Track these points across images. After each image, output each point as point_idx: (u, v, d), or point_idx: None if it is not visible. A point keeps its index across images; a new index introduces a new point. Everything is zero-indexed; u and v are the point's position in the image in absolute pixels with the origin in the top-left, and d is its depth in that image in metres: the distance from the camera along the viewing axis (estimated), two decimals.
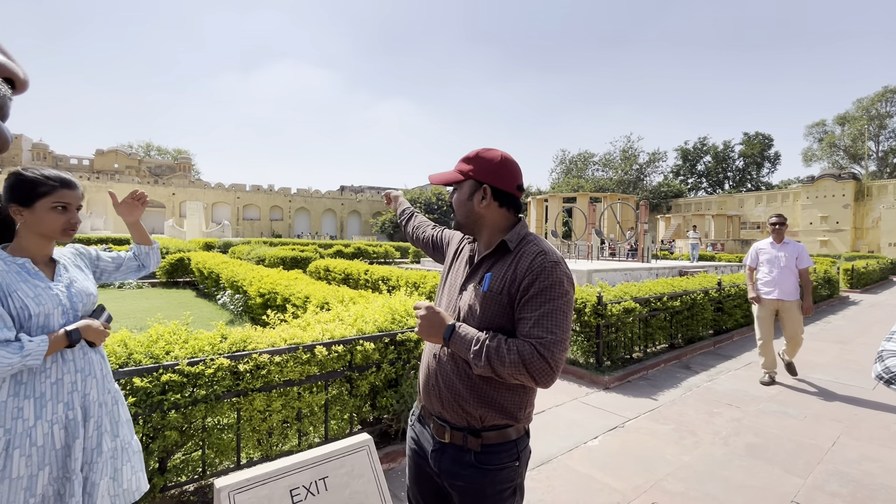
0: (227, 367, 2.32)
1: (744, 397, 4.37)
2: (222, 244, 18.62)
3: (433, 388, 1.33)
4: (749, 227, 41.70)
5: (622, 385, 4.67)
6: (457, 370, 1.27)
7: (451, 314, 1.32)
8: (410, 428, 1.49)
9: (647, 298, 5.49)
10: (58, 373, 1.38)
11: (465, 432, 1.27)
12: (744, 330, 7.17)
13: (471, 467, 1.26)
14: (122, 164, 52.51)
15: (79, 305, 1.48)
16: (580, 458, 3.12)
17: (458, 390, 1.27)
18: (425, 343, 1.41)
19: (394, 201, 2.02)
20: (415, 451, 1.44)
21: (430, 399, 1.35)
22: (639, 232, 16.99)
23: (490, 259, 1.31)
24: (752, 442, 3.40)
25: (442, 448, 1.32)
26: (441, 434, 1.31)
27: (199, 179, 54.63)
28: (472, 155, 1.32)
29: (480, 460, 1.25)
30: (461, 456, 1.27)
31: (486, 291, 1.25)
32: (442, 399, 1.30)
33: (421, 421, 1.43)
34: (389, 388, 3.04)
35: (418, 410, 1.46)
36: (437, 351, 1.34)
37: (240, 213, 50.59)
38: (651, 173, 54.32)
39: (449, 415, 1.29)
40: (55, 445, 1.35)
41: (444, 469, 1.31)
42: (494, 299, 1.23)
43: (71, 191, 1.46)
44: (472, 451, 1.26)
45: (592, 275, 9.67)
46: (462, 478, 1.27)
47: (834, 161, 48.89)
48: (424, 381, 1.38)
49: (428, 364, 1.37)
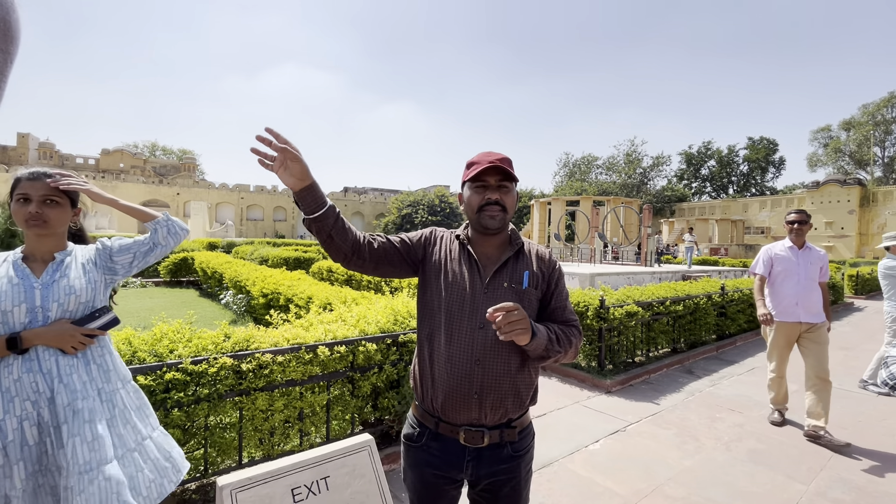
0: (230, 366, 2.33)
1: (746, 402, 4.34)
2: (226, 244, 18.69)
3: (473, 396, 1.28)
4: (753, 232, 41.52)
5: (624, 389, 4.66)
6: (507, 369, 1.30)
7: (479, 322, 1.29)
8: (418, 449, 1.38)
9: (649, 302, 5.48)
10: (18, 370, 1.33)
11: (500, 429, 1.32)
12: (747, 335, 7.14)
13: (509, 459, 1.34)
14: (127, 164, 52.81)
15: (52, 305, 1.39)
16: (581, 461, 3.12)
17: (503, 389, 1.30)
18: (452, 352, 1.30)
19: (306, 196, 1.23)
20: (433, 474, 1.36)
21: (464, 408, 1.29)
22: (642, 236, 16.95)
23: (513, 258, 1.37)
24: (754, 447, 3.38)
25: (478, 454, 1.32)
26: (477, 440, 1.30)
27: (204, 179, 54.88)
28: (510, 160, 1.36)
29: (516, 449, 1.35)
30: (499, 453, 1.33)
31: (527, 288, 1.33)
32: (483, 404, 1.29)
33: (438, 438, 1.34)
34: (391, 390, 3.04)
35: (428, 429, 1.36)
36: (480, 357, 1.28)
37: (243, 214, 50.77)
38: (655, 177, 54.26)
39: (489, 417, 1.30)
40: (27, 441, 1.32)
41: (482, 473, 1.33)
42: (533, 295, 1.35)
43: (31, 182, 1.41)
44: (508, 443, 1.33)
45: (595, 278, 9.66)
46: (502, 472, 1.34)
47: (839, 167, 48.66)
48: (455, 391, 1.29)
49: (466, 372, 1.28)
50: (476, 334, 1.29)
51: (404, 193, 49.29)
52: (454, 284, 1.33)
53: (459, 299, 1.31)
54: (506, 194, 1.32)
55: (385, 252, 1.36)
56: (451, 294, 1.33)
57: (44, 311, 1.38)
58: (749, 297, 7.30)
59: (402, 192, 52.41)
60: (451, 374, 1.29)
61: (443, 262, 1.38)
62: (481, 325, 1.28)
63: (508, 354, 1.30)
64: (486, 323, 1.26)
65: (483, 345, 1.28)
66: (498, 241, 1.39)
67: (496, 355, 1.29)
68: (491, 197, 1.31)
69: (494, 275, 1.33)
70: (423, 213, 45.71)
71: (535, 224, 29.64)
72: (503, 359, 1.29)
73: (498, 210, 1.31)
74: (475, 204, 1.33)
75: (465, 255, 1.37)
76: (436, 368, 1.32)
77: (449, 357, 1.30)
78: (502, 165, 1.29)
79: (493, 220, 1.31)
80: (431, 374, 1.34)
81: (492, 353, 1.28)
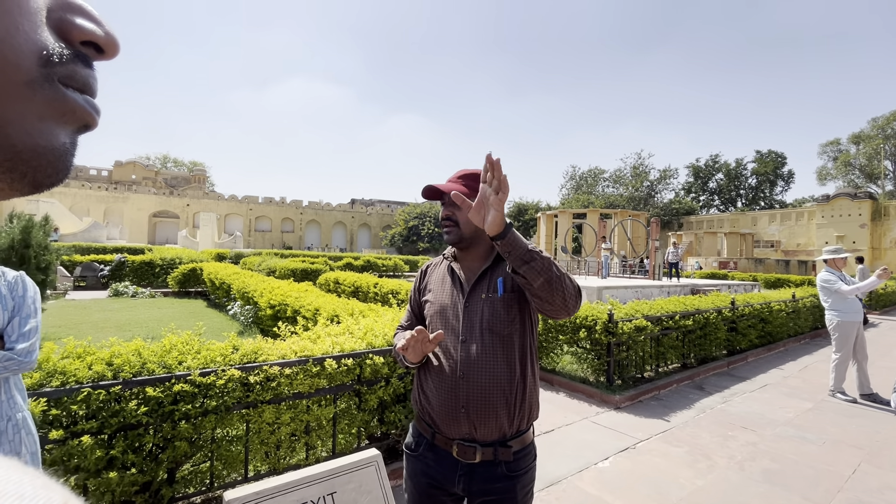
0: (237, 378, 2.33)
1: (759, 420, 4.25)
2: (234, 255, 18.85)
3: (460, 410, 1.30)
4: (763, 246, 41.09)
5: (633, 405, 4.59)
6: (494, 381, 1.29)
7: (460, 335, 1.33)
8: (415, 459, 1.42)
9: (658, 317, 5.42)
10: None
11: (495, 446, 1.30)
12: (759, 351, 7.02)
13: (503, 479, 1.30)
14: (139, 176, 53.70)
15: None
16: (590, 479, 3.06)
17: (491, 402, 1.28)
18: (439, 366, 1.36)
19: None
20: (428, 484, 1.39)
21: (454, 422, 1.31)
22: (650, 248, 16.84)
23: (490, 268, 1.38)
24: (768, 467, 3.30)
25: (470, 470, 1.31)
26: (469, 455, 1.30)
27: (213, 191, 55.59)
28: (470, 174, 1.40)
29: (511, 469, 1.30)
30: (492, 471, 1.30)
31: (503, 295, 1.32)
32: (471, 418, 1.29)
33: (434, 449, 1.37)
34: (398, 403, 3.02)
35: (426, 439, 1.40)
36: (464, 370, 1.31)
37: (252, 225, 51.24)
38: (662, 190, 54.03)
39: (480, 432, 1.29)
40: None
41: (474, 490, 1.31)
42: (512, 299, 1.33)
43: None
44: (503, 462, 1.30)
45: (602, 291, 9.59)
46: (495, 492, 1.30)
47: (849, 180, 48.20)
48: (444, 405, 1.33)
49: (451, 386, 1.32)
50: (459, 348, 1.33)
51: (411, 205, 49.55)
52: (439, 301, 1.42)
53: (444, 315, 1.39)
54: (458, 209, 1.38)
55: (419, 324, 1.49)
56: (437, 310, 1.41)
57: None
58: (760, 311, 7.20)
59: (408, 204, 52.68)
60: (440, 389, 1.34)
61: (432, 284, 1.48)
62: (463, 339, 1.33)
63: (494, 366, 1.30)
64: (468, 336, 1.32)
65: (466, 358, 1.31)
66: (478, 252, 1.43)
67: (480, 368, 1.30)
68: (443, 214, 1.41)
69: (473, 287, 1.37)
70: (429, 224, 45.83)
71: (542, 237, 29.57)
72: (488, 371, 1.29)
73: (450, 225, 1.39)
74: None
75: (451, 273, 1.45)
76: (429, 384, 1.38)
77: (438, 372, 1.36)
78: (436, 187, 1.37)
79: (448, 234, 1.40)
80: (426, 389, 1.39)
81: (476, 367, 1.30)
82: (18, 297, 1.49)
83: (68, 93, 0.28)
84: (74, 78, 0.28)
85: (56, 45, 0.27)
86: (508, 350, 1.32)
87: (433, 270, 1.53)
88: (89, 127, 0.31)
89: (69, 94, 0.28)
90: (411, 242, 47.34)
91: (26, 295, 1.51)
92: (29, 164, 0.27)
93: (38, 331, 1.50)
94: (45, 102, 0.27)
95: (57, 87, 0.27)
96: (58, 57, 0.27)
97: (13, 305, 1.47)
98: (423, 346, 1.26)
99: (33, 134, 0.26)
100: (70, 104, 0.28)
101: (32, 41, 0.26)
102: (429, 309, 1.45)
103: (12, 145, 0.26)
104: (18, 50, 0.25)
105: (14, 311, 1.47)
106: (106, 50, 0.30)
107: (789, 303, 8.14)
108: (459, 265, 1.44)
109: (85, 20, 0.28)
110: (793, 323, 8.15)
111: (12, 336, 1.43)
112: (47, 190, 0.29)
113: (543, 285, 1.17)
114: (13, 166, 0.26)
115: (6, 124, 0.25)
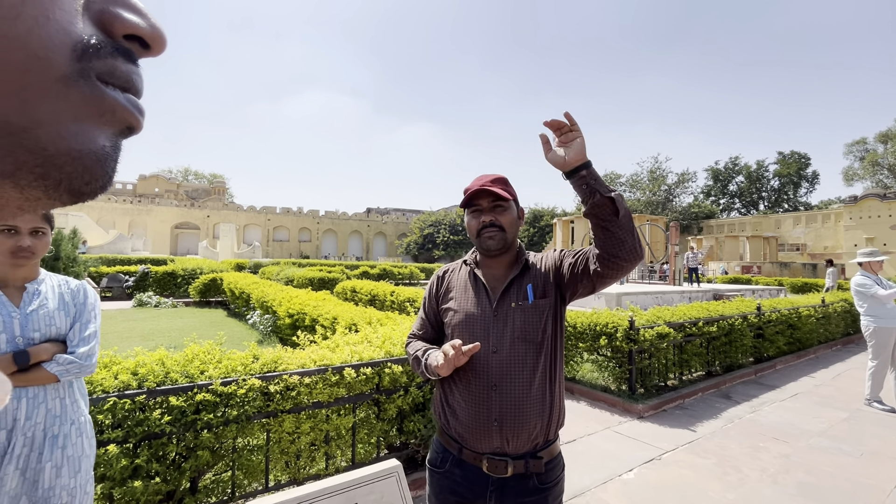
0: (258, 387, 2.35)
1: (792, 431, 4.09)
2: (253, 265, 19.15)
3: (493, 423, 1.26)
4: (788, 249, 39.89)
5: (657, 414, 4.46)
6: (527, 391, 1.26)
7: (491, 345, 1.30)
8: (441, 476, 1.37)
9: (681, 323, 5.28)
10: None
11: (526, 458, 1.27)
12: (788, 358, 6.77)
13: (535, 492, 1.28)
14: (162, 189, 55.35)
15: (34, 335, 1.39)
16: (615, 492, 2.97)
17: (525, 413, 1.25)
18: (468, 378, 1.31)
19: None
20: (457, 502, 1.34)
21: (484, 436, 1.28)
22: (669, 254, 16.52)
23: (518, 276, 1.36)
24: (803, 480, 3.16)
25: (502, 485, 1.28)
26: (500, 470, 1.26)
27: (233, 202, 56.84)
28: (505, 179, 1.37)
29: (542, 481, 1.28)
30: (524, 484, 1.27)
31: (533, 301, 1.30)
32: (504, 430, 1.26)
33: (461, 465, 1.32)
34: (417, 413, 3.00)
35: (452, 454, 1.35)
36: (496, 381, 1.27)
37: (270, 235, 52.13)
38: (680, 194, 53.09)
39: (512, 445, 1.27)
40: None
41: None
42: (544, 305, 1.31)
43: None
44: (534, 474, 1.27)
45: (622, 298, 9.42)
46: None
47: (878, 180, 46.55)
48: (474, 418, 1.29)
49: (482, 399, 1.28)
50: (490, 359, 1.28)
51: (426, 213, 49.74)
52: (464, 311, 1.36)
53: (470, 325, 1.34)
54: (501, 214, 1.33)
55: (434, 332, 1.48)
56: (462, 320, 1.36)
57: (25, 341, 1.38)
58: (788, 317, 6.97)
59: (423, 212, 52.90)
60: (469, 402, 1.29)
61: (453, 292, 1.42)
62: (495, 350, 1.29)
63: (526, 376, 1.26)
64: (500, 346, 1.28)
65: (498, 369, 1.27)
66: (505, 260, 1.39)
67: (513, 378, 1.26)
68: (486, 220, 1.33)
69: (502, 296, 1.34)
70: (444, 232, 45.90)
71: (559, 242, 29.31)
72: (521, 381, 1.26)
73: (495, 231, 1.33)
74: (474, 229, 1.36)
75: (473, 280, 1.40)
76: (455, 397, 1.33)
77: (466, 384, 1.31)
78: (490, 188, 1.30)
79: (491, 240, 1.33)
80: (452, 402, 1.35)
81: (508, 377, 1.27)
82: (80, 304, 1.54)
83: (108, 90, 0.25)
84: (115, 74, 0.25)
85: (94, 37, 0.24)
86: (539, 358, 1.29)
87: (452, 276, 1.47)
88: (133, 129, 0.28)
89: (108, 92, 0.25)
90: (427, 250, 47.46)
91: (87, 301, 1.56)
92: (63, 171, 0.24)
93: (97, 336, 1.54)
94: (80, 101, 0.24)
95: (95, 84, 0.24)
96: (94, 50, 0.24)
97: (75, 311, 1.53)
98: (457, 360, 1.22)
99: (67, 137, 0.23)
100: (109, 103, 0.25)
101: (66, 32, 0.23)
102: (452, 318, 1.39)
103: (43, 149, 0.23)
104: (49, 42, 0.22)
105: (76, 317, 1.52)
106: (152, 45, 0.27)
107: (819, 308, 7.86)
108: (482, 272, 1.40)
109: (129, 12, 0.26)
110: (823, 329, 7.86)
111: (74, 341, 1.48)
112: (90, 199, 0.26)
113: (626, 216, 1.14)
114: (46, 172, 0.23)
115: (36, 126, 0.22)
